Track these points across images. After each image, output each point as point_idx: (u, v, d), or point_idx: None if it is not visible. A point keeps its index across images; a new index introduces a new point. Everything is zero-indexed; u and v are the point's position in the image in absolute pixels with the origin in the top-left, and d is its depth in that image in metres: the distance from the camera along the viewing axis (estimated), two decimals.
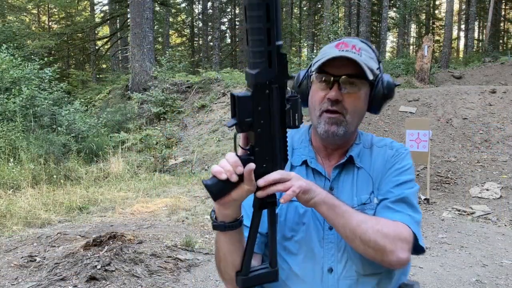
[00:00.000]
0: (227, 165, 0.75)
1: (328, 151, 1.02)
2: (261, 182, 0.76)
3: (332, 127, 0.94)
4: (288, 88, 0.85)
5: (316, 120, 0.96)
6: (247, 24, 0.68)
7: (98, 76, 22.42)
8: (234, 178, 0.75)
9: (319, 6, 26.92)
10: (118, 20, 21.05)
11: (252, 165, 0.75)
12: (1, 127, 6.90)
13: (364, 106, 0.98)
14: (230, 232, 0.84)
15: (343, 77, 0.92)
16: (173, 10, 25.19)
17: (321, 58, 0.93)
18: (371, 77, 0.92)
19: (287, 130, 0.78)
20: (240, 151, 0.78)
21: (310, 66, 1.01)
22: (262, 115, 0.73)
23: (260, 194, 0.77)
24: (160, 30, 25.80)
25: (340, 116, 0.93)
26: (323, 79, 0.94)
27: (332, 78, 0.93)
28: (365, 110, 1.00)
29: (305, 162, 1.01)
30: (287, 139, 0.79)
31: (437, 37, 28.83)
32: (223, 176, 0.75)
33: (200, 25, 29.86)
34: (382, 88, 0.97)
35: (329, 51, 0.94)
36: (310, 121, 1.03)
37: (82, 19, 21.75)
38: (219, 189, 0.77)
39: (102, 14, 23.81)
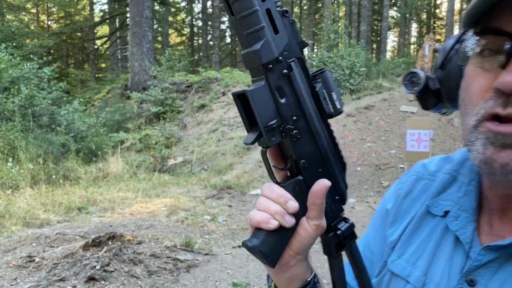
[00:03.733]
0: (271, 204, 0.48)
1: (504, 202, 0.50)
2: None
3: (502, 154, 0.43)
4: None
5: (468, 136, 0.46)
6: None
7: (97, 75, 22.40)
8: (290, 222, 0.48)
9: (320, 5, 26.91)
10: (117, 19, 21.02)
11: (323, 184, 0.49)
12: (0, 127, 6.88)
13: None
14: None
15: None
16: (172, 9, 25.17)
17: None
18: None
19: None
20: (278, 175, 0.52)
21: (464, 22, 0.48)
22: (291, 108, 0.48)
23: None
24: (159, 29, 25.77)
25: None
26: (488, 47, 0.44)
27: (508, 43, 0.42)
28: None
29: (447, 214, 0.55)
30: (333, 131, 0.52)
31: (438, 37, 28.82)
32: (273, 224, 0.47)
33: (200, 24, 29.84)
34: None
35: None
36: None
37: (81, 18, 21.74)
38: (274, 247, 0.49)
39: (101, 13, 23.78)
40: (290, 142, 0.49)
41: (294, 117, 0.48)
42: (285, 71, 0.47)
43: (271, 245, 0.49)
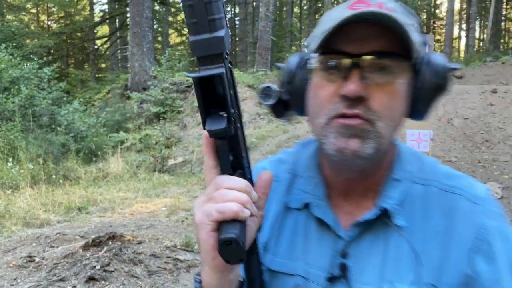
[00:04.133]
0: (239, 194, 0.46)
1: (347, 186, 0.61)
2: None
3: (350, 142, 0.53)
4: (275, 86, 0.62)
5: (321, 132, 0.56)
6: None
7: (97, 75, 22.40)
8: (255, 211, 0.49)
9: (320, 5, 26.91)
10: (117, 19, 21.02)
11: (270, 173, 0.52)
12: (0, 127, 6.88)
13: (403, 105, 0.56)
14: None
15: (367, 57, 0.52)
16: (172, 9, 25.16)
17: (326, 28, 0.53)
18: (416, 54, 0.54)
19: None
20: (216, 171, 0.50)
21: (306, 46, 0.62)
22: (236, 100, 0.48)
23: None
24: (159, 29, 25.78)
25: (364, 123, 0.53)
26: (332, 64, 0.54)
27: (348, 61, 0.53)
28: (403, 112, 0.57)
29: (307, 206, 0.62)
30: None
31: (438, 37, 28.83)
32: (247, 214, 0.46)
33: None
34: (430, 74, 0.56)
35: (337, 14, 0.53)
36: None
37: (81, 19, 21.75)
38: (246, 239, 0.47)
39: (101, 13, 23.79)
40: (239, 134, 0.49)
41: (237, 111, 0.48)
42: (229, 64, 0.46)
43: (244, 237, 0.46)
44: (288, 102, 0.62)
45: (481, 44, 27.49)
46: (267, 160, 0.73)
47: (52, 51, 18.66)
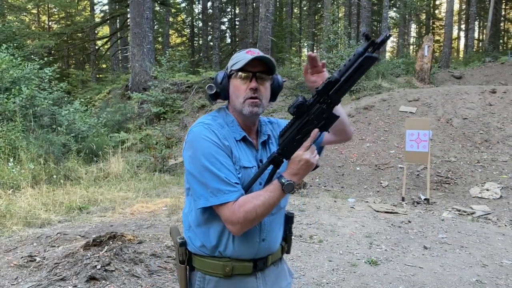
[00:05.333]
0: (314, 153, 1.21)
1: (250, 129, 1.32)
2: None
3: (254, 108, 1.24)
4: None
5: (240, 105, 1.25)
6: None
7: (98, 76, 22.42)
8: None
9: (319, 6, 26.91)
10: (118, 20, 21.04)
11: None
12: (1, 127, 6.89)
13: (269, 93, 1.30)
14: None
15: (258, 73, 1.24)
16: (173, 10, 25.17)
17: (240, 60, 1.24)
18: (274, 73, 1.29)
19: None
20: None
21: (226, 68, 1.30)
22: None
23: None
24: (160, 30, 25.79)
25: (258, 100, 1.24)
26: (245, 75, 1.24)
27: (251, 74, 1.24)
28: (269, 97, 1.32)
29: (244, 138, 1.28)
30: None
31: (437, 37, 28.81)
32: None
33: (200, 25, 29.83)
34: (277, 82, 1.33)
35: (244, 55, 1.24)
36: (224, 109, 1.34)
37: (82, 19, 21.76)
38: None
39: (102, 14, 23.80)
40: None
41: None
42: None
43: None
44: (219, 93, 1.30)
45: (480, 44, 27.49)
46: (206, 122, 1.26)
47: (53, 52, 18.67)
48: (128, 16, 15.07)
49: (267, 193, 1.14)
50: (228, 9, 30.97)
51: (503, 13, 27.55)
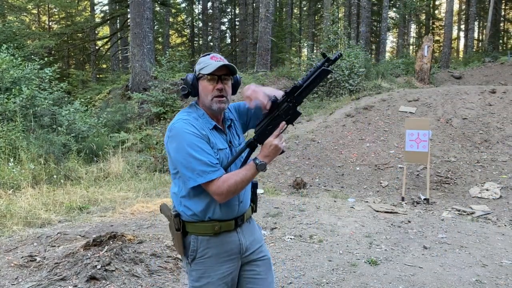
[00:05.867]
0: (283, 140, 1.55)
1: (217, 118, 1.62)
2: None
3: (221, 105, 1.55)
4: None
5: (209, 102, 1.55)
6: None
7: (98, 76, 22.42)
8: None
9: (319, 6, 26.91)
10: (118, 20, 21.05)
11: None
12: (1, 127, 6.90)
13: (231, 90, 1.62)
14: None
15: (223, 76, 1.55)
16: (173, 10, 25.19)
17: (207, 65, 1.52)
18: (235, 74, 1.60)
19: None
20: None
21: (195, 71, 1.60)
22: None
23: None
24: (160, 30, 25.80)
25: (224, 98, 1.56)
26: (212, 78, 1.53)
27: (217, 77, 1.54)
28: (231, 94, 1.64)
29: (215, 126, 1.58)
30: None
31: (437, 37, 28.82)
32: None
33: (200, 25, 29.85)
34: (236, 80, 1.64)
35: (209, 61, 1.54)
36: (193, 106, 1.63)
37: (82, 19, 21.76)
38: None
39: (102, 14, 23.81)
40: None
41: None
42: None
43: None
44: (190, 92, 1.59)
45: (480, 44, 27.49)
46: (184, 118, 1.54)
47: (53, 52, 18.67)
48: (128, 16, 15.08)
49: (244, 171, 1.47)
50: (228, 10, 30.99)
51: (502, 13, 27.55)
